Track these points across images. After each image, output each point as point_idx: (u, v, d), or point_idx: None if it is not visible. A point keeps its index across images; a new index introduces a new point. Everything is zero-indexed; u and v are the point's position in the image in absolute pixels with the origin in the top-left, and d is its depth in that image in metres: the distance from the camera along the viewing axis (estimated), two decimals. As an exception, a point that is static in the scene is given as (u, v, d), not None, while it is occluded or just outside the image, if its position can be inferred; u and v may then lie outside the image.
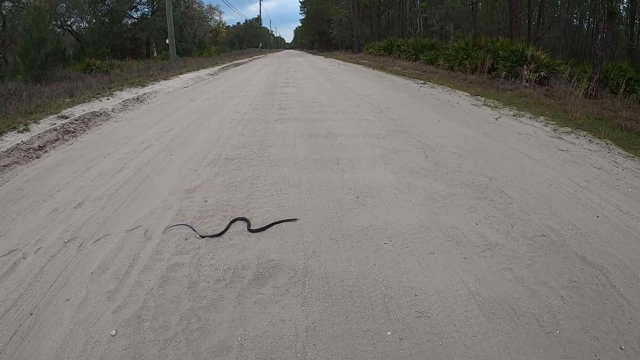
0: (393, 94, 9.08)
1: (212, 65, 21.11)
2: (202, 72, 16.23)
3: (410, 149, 4.54)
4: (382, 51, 23.30)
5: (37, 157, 4.44)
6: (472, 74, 12.42)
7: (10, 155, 4.27)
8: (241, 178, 3.59)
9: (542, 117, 6.45)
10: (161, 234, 2.54)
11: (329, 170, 3.87)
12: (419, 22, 23.58)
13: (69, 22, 26.17)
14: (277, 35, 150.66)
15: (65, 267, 2.24)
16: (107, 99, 7.89)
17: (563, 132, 5.50)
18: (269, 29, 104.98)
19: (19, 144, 4.51)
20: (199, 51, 33.06)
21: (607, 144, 4.98)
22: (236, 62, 26.22)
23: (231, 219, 2.75)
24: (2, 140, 4.63)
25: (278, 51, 71.39)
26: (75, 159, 4.32)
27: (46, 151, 4.64)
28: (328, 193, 3.32)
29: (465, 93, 8.95)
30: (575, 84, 8.52)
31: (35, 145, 4.66)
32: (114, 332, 1.70)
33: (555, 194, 3.34)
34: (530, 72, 10.51)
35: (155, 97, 9.17)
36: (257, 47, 58.43)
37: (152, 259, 2.25)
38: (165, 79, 12.72)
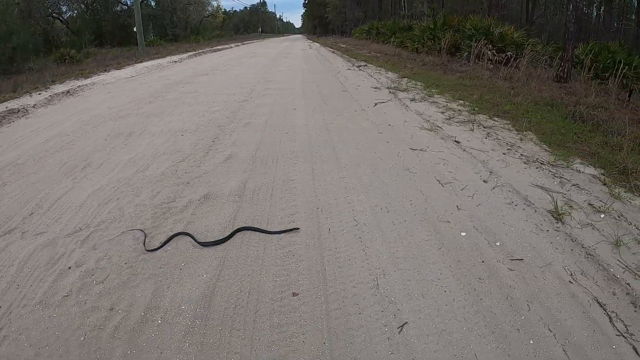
0: (302, 78, 7.85)
1: (187, 51, 19.70)
2: (167, 60, 14.91)
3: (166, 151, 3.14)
4: (365, 35, 21.57)
5: None
6: (438, 55, 10.75)
7: None
8: None
9: (461, 101, 4.94)
10: None
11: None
12: (404, 3, 21.65)
13: (63, 10, 24.91)
14: (286, 20, 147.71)
15: None
16: (39, 94, 7.11)
17: (462, 121, 4.02)
18: (276, 13, 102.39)
19: None
20: (191, 36, 31.51)
21: (520, 139, 3.51)
22: (218, 47, 24.62)
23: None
24: None
25: (280, 36, 68.61)
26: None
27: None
28: None
29: (396, 75, 7.43)
30: (553, 66, 6.90)
31: None
32: None
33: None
34: (493, 51, 8.84)
35: (89, 89, 7.90)
36: (258, 32, 56.84)
37: None
38: (119, 68, 11.56)
